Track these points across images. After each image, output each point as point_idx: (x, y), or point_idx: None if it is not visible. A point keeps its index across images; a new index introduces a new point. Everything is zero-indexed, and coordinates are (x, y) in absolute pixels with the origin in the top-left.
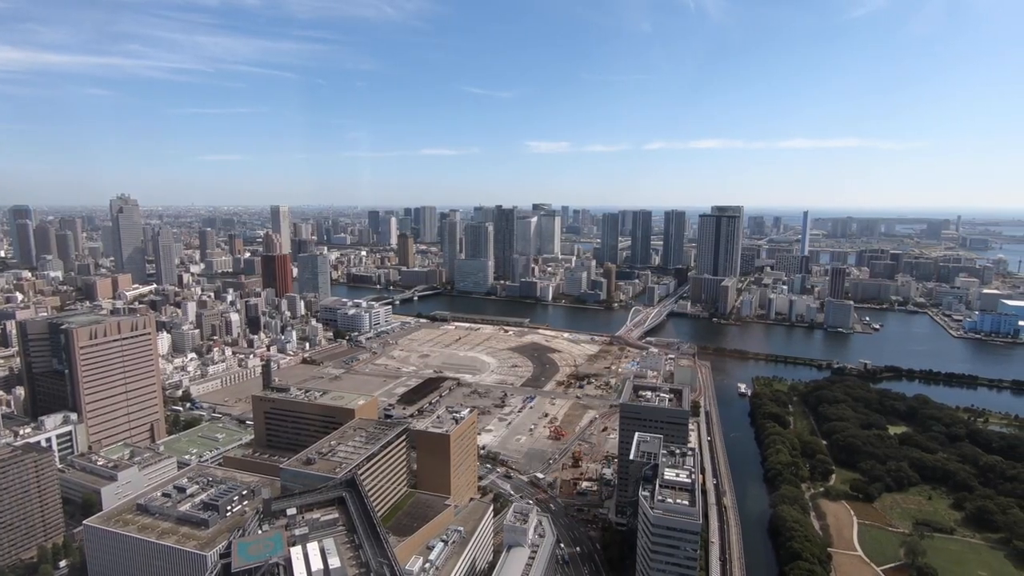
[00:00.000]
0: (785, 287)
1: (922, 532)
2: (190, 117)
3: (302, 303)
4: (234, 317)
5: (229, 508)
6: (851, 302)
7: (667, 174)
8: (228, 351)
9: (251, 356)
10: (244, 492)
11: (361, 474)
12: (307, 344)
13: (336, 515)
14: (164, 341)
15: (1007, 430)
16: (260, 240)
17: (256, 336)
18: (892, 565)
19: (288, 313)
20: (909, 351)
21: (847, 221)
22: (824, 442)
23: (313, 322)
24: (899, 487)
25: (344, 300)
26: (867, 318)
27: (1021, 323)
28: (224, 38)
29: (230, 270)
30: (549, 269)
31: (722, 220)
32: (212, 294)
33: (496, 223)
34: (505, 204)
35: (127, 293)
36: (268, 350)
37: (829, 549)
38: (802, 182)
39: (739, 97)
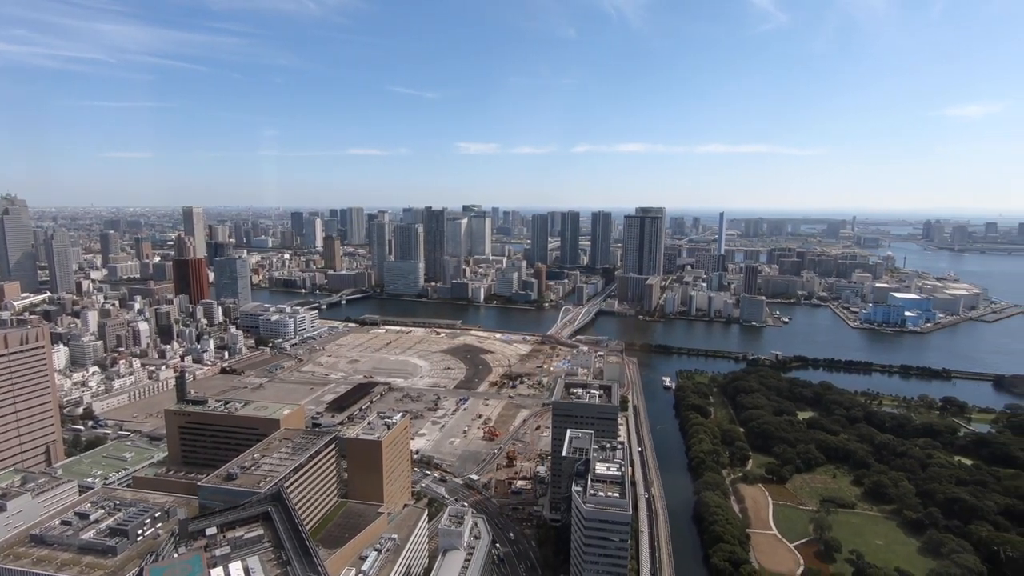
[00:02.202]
0: (704, 284)
1: (828, 508)
2: (88, 110)
3: (220, 309)
4: (142, 326)
5: (140, 532)
6: (763, 298)
7: (594, 176)
8: (136, 363)
9: (163, 368)
10: (157, 514)
11: (288, 487)
12: (226, 353)
13: (261, 531)
14: (61, 354)
15: (897, 411)
16: (171, 243)
17: (168, 346)
18: (803, 541)
19: (204, 321)
20: (814, 341)
21: (758, 222)
22: (742, 429)
23: (232, 329)
24: (808, 468)
25: (266, 305)
26: (777, 312)
27: (907, 313)
28: (126, 26)
29: (137, 276)
30: (480, 270)
31: (646, 221)
32: (117, 302)
33: (426, 224)
34: (435, 205)
35: (15, 303)
36: (182, 360)
37: (748, 530)
38: (718, 184)
39: (660, 103)
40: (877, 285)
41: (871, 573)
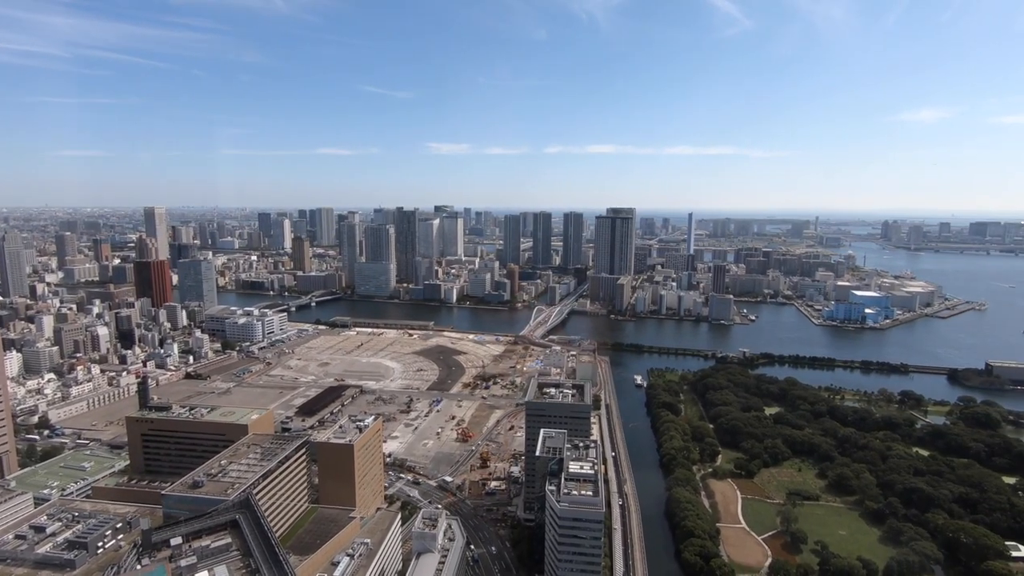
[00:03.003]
0: (674, 284)
1: (794, 501)
2: (39, 107)
3: (184, 313)
4: (102, 331)
5: (100, 545)
6: (731, 296)
7: (565, 177)
8: (95, 369)
9: (124, 373)
10: (119, 525)
11: (257, 493)
12: (191, 357)
13: (229, 540)
14: (14, 361)
15: (858, 405)
16: (132, 245)
17: (130, 351)
18: (770, 533)
19: (168, 324)
20: (780, 339)
21: (726, 222)
22: (711, 426)
23: (198, 333)
24: (775, 462)
25: (233, 308)
26: (744, 310)
27: (867, 311)
28: (81, 20)
29: (96, 279)
30: (453, 271)
31: (617, 221)
32: (74, 306)
33: (398, 225)
34: (407, 206)
35: None
36: (144, 366)
37: (718, 524)
38: (687, 186)
39: (629, 105)
40: (839, 283)
41: (835, 563)
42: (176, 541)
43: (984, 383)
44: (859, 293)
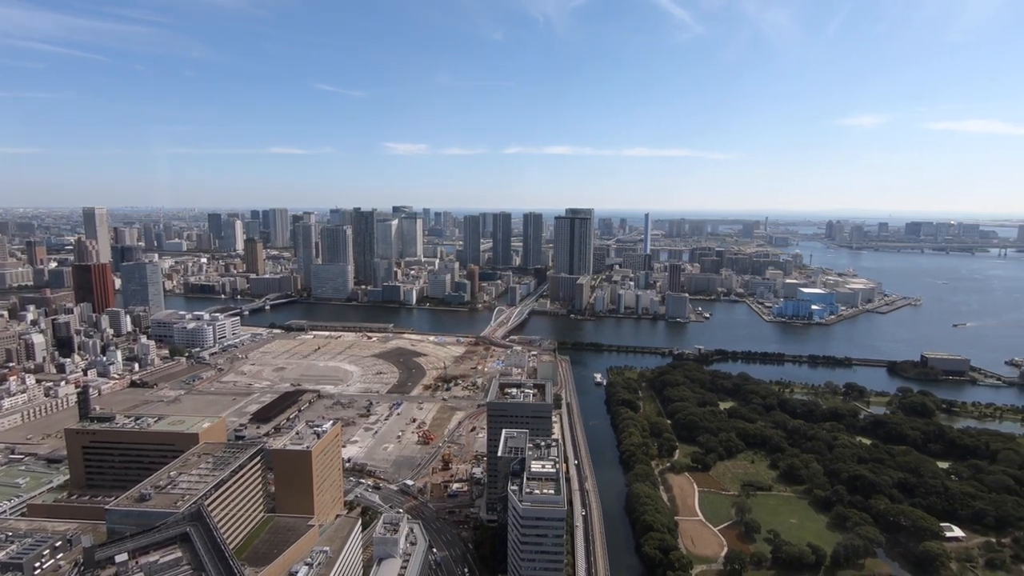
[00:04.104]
0: (632, 283)
1: (748, 492)
2: None
3: (128, 318)
4: (37, 338)
5: (37, 565)
6: (686, 295)
7: (525, 177)
8: (30, 379)
9: (63, 383)
10: (58, 543)
11: (209, 505)
12: (136, 365)
13: (179, 554)
14: None
15: (806, 397)
16: (70, 248)
17: (68, 359)
18: (726, 524)
19: (110, 331)
20: (733, 335)
21: (681, 222)
22: (669, 421)
23: (143, 339)
24: (729, 455)
25: (182, 313)
26: (699, 308)
27: (814, 307)
28: (11, 8)
29: (30, 283)
30: (412, 272)
31: (575, 222)
32: (5, 312)
33: (355, 226)
34: (364, 206)
35: None
36: (85, 375)
37: (676, 518)
38: (644, 186)
39: (587, 107)
40: (787, 281)
41: (787, 551)
42: (121, 558)
43: (920, 374)
44: (806, 290)
